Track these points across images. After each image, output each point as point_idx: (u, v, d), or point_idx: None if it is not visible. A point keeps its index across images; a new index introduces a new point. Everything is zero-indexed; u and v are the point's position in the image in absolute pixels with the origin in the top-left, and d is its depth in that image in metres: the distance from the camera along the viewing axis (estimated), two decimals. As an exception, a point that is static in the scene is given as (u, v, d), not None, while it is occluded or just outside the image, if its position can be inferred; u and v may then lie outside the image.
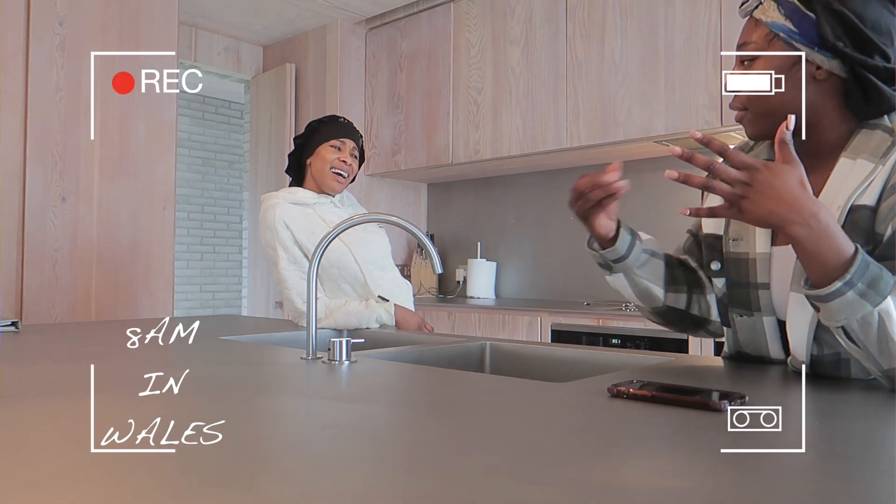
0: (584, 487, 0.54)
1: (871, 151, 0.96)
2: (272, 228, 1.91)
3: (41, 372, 1.11)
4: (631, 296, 1.20)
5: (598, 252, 1.14)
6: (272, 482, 0.53)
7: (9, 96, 2.54)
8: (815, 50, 0.97)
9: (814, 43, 0.97)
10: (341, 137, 2.02)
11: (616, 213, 1.11)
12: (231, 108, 6.00)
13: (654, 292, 1.17)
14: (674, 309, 1.20)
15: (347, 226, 1.30)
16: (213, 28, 4.14)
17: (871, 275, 0.82)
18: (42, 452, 0.63)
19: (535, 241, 3.73)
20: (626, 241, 1.12)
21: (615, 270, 1.16)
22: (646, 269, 1.16)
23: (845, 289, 0.82)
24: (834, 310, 0.84)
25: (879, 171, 0.94)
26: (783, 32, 0.99)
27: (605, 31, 3.02)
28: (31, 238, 2.58)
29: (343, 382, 1.05)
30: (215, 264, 5.90)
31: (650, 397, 0.83)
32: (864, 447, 0.69)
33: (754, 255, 1.07)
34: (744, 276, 1.09)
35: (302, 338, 1.71)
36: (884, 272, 0.83)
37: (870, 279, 0.82)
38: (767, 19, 1.00)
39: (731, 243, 1.11)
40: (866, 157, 0.96)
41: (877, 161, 0.95)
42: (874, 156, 0.96)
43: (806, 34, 0.97)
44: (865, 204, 0.94)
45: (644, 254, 1.15)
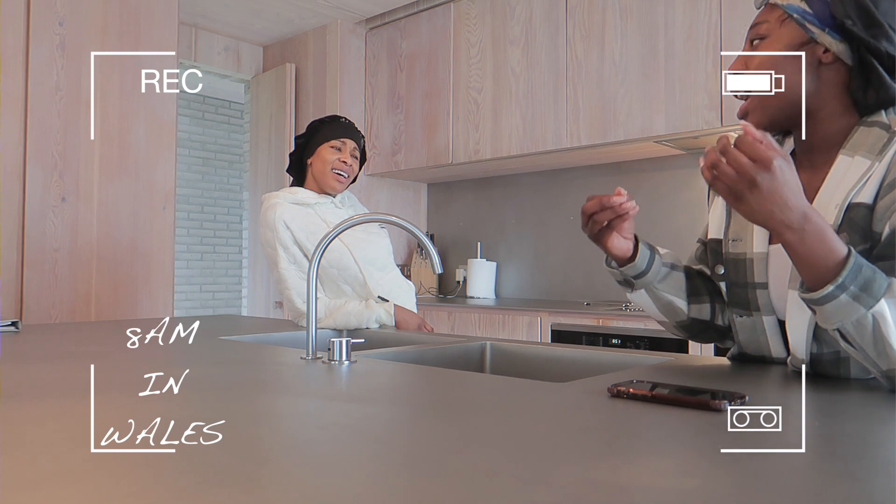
0: (584, 487, 0.54)
1: (868, 148, 0.96)
2: (272, 228, 1.91)
3: (41, 372, 1.11)
4: (655, 312, 1.19)
5: (618, 270, 1.14)
6: (272, 482, 0.53)
7: (9, 96, 2.54)
8: (826, 31, 0.98)
9: (825, 24, 0.98)
10: (342, 137, 2.01)
11: (632, 231, 1.11)
12: (231, 108, 6.01)
13: (677, 305, 1.16)
14: (698, 321, 1.19)
15: (347, 226, 1.30)
16: (213, 28, 4.14)
17: (864, 277, 0.82)
18: (42, 452, 0.63)
19: (535, 241, 3.73)
20: (646, 256, 1.12)
21: (636, 287, 1.15)
22: (667, 282, 1.15)
23: (838, 292, 0.82)
24: (828, 313, 0.84)
25: (876, 168, 0.94)
26: (797, 13, 1.00)
27: (605, 31, 3.02)
28: (31, 238, 2.58)
29: (343, 382, 1.05)
30: (215, 264, 5.90)
31: (650, 397, 0.83)
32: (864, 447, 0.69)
33: (751, 254, 1.07)
34: (742, 276, 1.09)
35: (302, 338, 1.71)
36: (877, 274, 0.83)
37: (863, 282, 0.82)
38: (783, 2, 1.01)
39: (730, 244, 1.11)
40: (863, 154, 0.96)
41: (873, 158, 0.95)
42: (871, 152, 0.96)
43: (819, 14, 0.98)
44: (863, 202, 0.94)
45: (664, 267, 1.14)
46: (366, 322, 1.89)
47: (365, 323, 1.89)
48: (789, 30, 1.01)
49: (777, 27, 1.02)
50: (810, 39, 0.99)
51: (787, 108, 1.02)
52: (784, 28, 1.01)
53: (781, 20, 1.02)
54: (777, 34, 1.02)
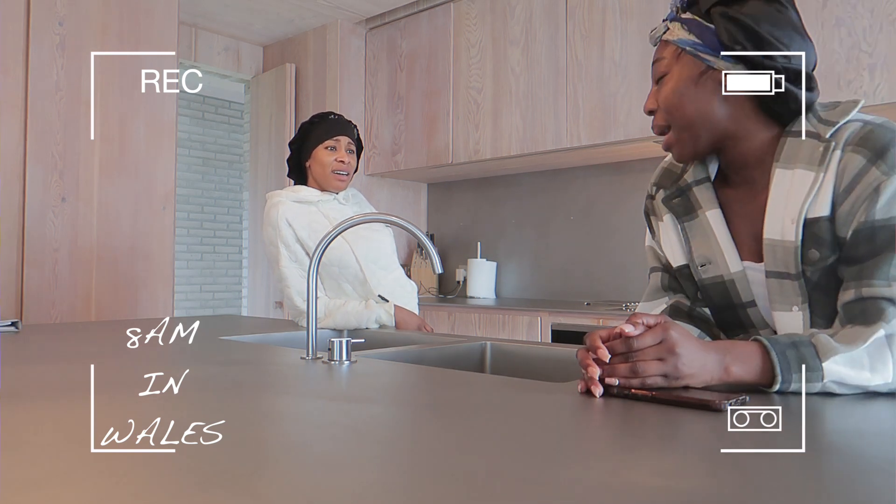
0: (584, 487, 0.54)
1: (806, 160, 0.97)
2: (274, 226, 1.91)
3: (41, 372, 1.11)
4: None
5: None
6: (272, 482, 0.53)
7: (9, 96, 2.54)
8: (720, 58, 0.99)
9: (717, 51, 0.99)
10: (335, 136, 2.00)
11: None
12: (231, 108, 6.01)
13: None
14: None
15: (347, 226, 1.30)
16: (213, 28, 4.14)
17: (798, 361, 0.85)
18: (42, 452, 0.63)
19: (535, 241, 3.73)
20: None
21: None
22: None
23: (786, 384, 0.85)
24: (797, 390, 0.86)
25: (823, 180, 0.95)
26: (689, 46, 1.01)
27: (605, 31, 3.02)
28: (31, 238, 2.58)
29: (343, 382, 1.05)
30: (215, 264, 5.90)
31: (650, 397, 0.83)
32: (864, 447, 0.69)
33: (730, 276, 1.06)
34: (726, 298, 1.08)
35: (302, 338, 1.71)
36: (803, 349, 0.85)
37: (798, 364, 0.85)
38: (674, 38, 1.03)
39: (700, 270, 1.10)
40: (803, 167, 0.97)
41: (816, 169, 0.96)
42: (811, 164, 0.97)
43: (709, 43, 1.00)
44: (821, 215, 0.95)
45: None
46: (365, 322, 1.89)
47: (365, 323, 1.89)
48: (687, 62, 1.02)
49: (675, 62, 1.04)
50: (708, 68, 1.00)
51: (706, 135, 1.04)
52: (681, 62, 1.03)
53: (677, 55, 1.03)
54: (676, 69, 1.03)
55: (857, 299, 0.91)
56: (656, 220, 1.19)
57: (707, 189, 1.10)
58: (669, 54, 1.05)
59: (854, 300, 0.91)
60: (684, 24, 1.02)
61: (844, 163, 0.94)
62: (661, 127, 1.08)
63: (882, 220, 0.90)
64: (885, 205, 0.90)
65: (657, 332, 0.85)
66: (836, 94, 2.36)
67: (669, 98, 1.04)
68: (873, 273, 0.90)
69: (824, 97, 1.03)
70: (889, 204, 0.90)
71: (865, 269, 0.91)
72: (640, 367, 0.84)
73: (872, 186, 0.91)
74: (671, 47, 1.05)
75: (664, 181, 1.18)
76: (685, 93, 1.02)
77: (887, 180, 0.90)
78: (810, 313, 0.98)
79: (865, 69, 2.35)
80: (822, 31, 2.43)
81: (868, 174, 0.91)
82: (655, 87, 1.08)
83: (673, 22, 1.05)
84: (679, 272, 1.15)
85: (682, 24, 1.03)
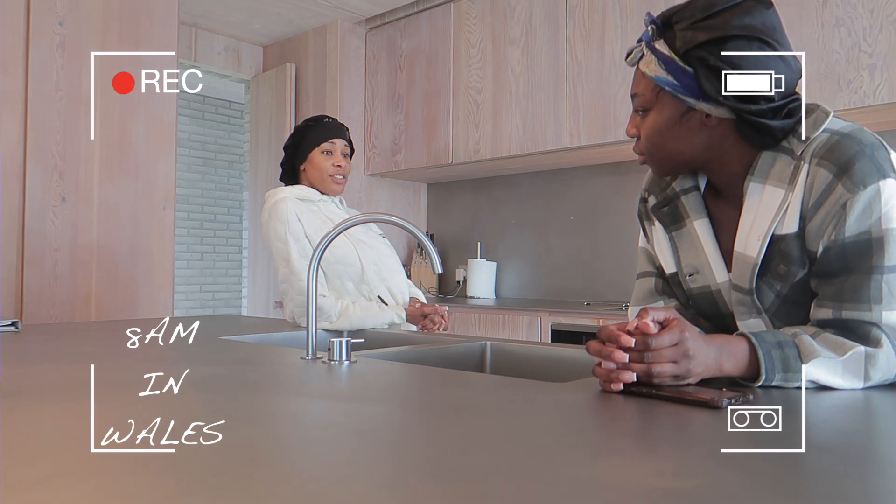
0: (584, 487, 0.54)
1: (777, 177, 0.97)
2: (284, 220, 1.89)
3: (41, 372, 1.11)
4: None
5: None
6: (272, 482, 0.53)
7: (9, 96, 2.54)
8: (701, 101, 0.97)
9: (698, 96, 0.97)
10: (330, 139, 2.00)
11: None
12: (231, 108, 6.00)
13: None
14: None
15: (348, 225, 1.31)
16: (213, 28, 4.14)
17: (782, 361, 0.88)
18: (42, 452, 0.63)
19: (535, 241, 3.73)
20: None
21: None
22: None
23: (768, 381, 0.89)
24: (777, 385, 0.90)
25: (792, 198, 0.95)
26: (668, 87, 0.98)
27: (605, 31, 3.02)
28: (31, 238, 2.58)
29: (343, 382, 1.05)
30: (215, 264, 5.90)
31: (651, 394, 0.83)
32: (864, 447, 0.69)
33: (716, 286, 1.07)
34: (715, 308, 1.09)
35: (302, 338, 1.71)
36: (787, 350, 0.88)
37: (782, 364, 0.88)
38: (651, 73, 0.99)
39: (688, 279, 1.11)
40: (774, 184, 0.97)
41: (785, 187, 0.96)
42: (781, 181, 0.97)
43: (688, 88, 0.97)
44: (788, 232, 0.96)
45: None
46: (380, 323, 1.89)
47: (380, 323, 1.89)
48: (668, 101, 1.00)
49: (655, 99, 1.01)
50: (689, 108, 0.98)
51: (686, 165, 1.05)
52: (662, 100, 1.00)
53: (656, 92, 1.00)
54: (659, 107, 1.01)
55: (837, 319, 0.92)
56: (649, 224, 1.19)
57: (695, 198, 1.10)
58: (648, 90, 1.01)
59: (833, 319, 0.93)
60: (661, 62, 0.98)
61: (812, 177, 0.94)
62: (641, 151, 1.08)
63: (852, 238, 0.91)
64: (854, 223, 0.91)
65: (674, 332, 0.86)
66: (836, 94, 2.35)
67: (651, 136, 1.04)
68: (853, 296, 0.91)
69: (824, 97, 1.03)
70: (858, 221, 0.91)
71: (845, 291, 0.92)
72: (656, 369, 0.85)
73: (839, 204, 0.91)
74: (647, 81, 1.01)
75: (653, 188, 1.18)
76: (666, 132, 1.02)
77: (853, 198, 0.91)
78: (774, 325, 1.01)
79: (865, 69, 2.35)
80: (822, 31, 2.43)
81: (835, 191, 0.92)
82: (636, 113, 1.06)
83: (648, 50, 1.00)
84: (672, 279, 1.15)
85: (659, 61, 0.98)
